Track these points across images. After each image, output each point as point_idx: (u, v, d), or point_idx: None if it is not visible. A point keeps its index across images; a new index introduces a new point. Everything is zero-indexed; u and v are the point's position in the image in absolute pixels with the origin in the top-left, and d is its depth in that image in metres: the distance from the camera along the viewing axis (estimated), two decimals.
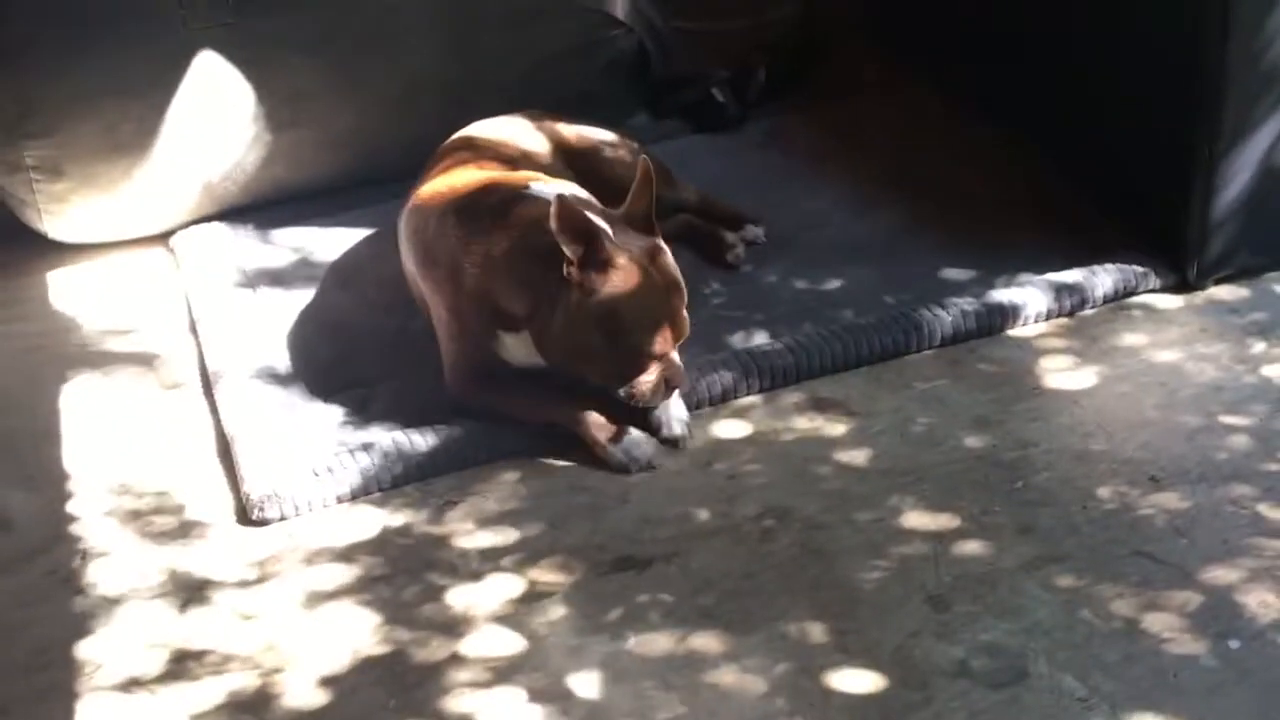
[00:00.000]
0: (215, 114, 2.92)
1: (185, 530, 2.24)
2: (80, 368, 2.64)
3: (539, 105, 2.80)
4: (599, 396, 2.32)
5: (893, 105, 3.26)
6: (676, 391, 2.34)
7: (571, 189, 2.40)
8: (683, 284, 2.28)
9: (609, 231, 2.21)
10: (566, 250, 2.17)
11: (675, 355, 2.29)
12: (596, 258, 2.19)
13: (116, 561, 2.19)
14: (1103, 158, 2.77)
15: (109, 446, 2.44)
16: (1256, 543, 2.08)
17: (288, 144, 2.98)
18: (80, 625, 2.07)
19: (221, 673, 1.98)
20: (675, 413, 2.35)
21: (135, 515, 2.28)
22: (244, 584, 2.13)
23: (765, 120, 3.26)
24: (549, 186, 2.37)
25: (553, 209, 2.15)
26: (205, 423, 2.47)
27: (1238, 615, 1.97)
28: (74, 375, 2.62)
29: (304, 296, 2.73)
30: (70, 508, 2.30)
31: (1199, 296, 2.63)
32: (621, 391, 2.28)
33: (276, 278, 2.80)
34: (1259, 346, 2.49)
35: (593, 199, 2.40)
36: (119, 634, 2.06)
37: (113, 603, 2.11)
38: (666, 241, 2.31)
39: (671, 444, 2.34)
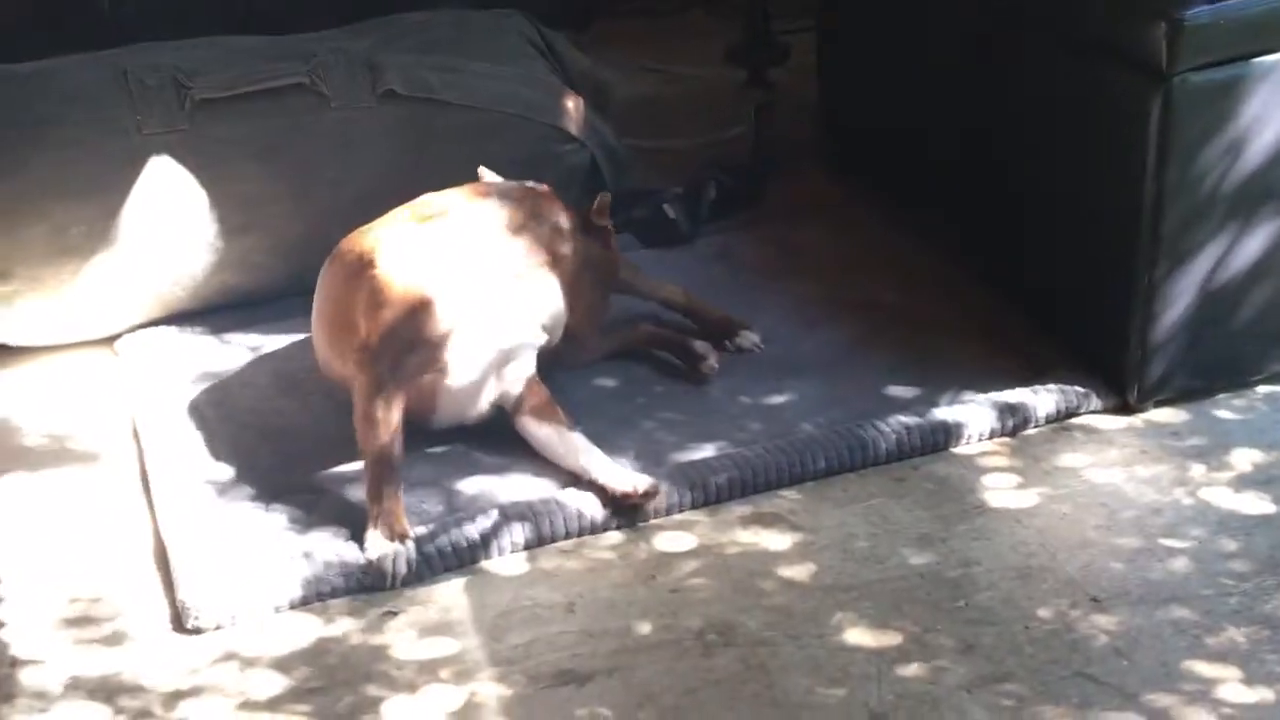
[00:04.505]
0: (166, 219, 2.92)
1: (119, 637, 2.20)
2: (17, 469, 2.61)
3: None
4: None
5: (841, 226, 3.31)
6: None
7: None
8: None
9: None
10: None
11: None
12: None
13: (48, 669, 2.14)
14: (1045, 280, 2.82)
15: (44, 550, 2.40)
16: (1195, 666, 2.08)
17: (238, 250, 2.99)
18: None
19: None
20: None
21: (68, 621, 2.24)
22: (177, 693, 2.09)
23: (715, 237, 3.29)
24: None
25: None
26: (144, 528, 2.44)
27: None
28: (11, 477, 2.59)
29: (248, 402, 2.72)
30: (1, 613, 2.26)
31: (1139, 418, 2.66)
32: None
33: (221, 383, 2.79)
34: (1198, 470, 2.52)
35: None
36: None
37: (43, 711, 2.07)
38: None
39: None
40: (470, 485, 2.46)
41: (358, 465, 2.42)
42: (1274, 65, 2.47)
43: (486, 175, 2.73)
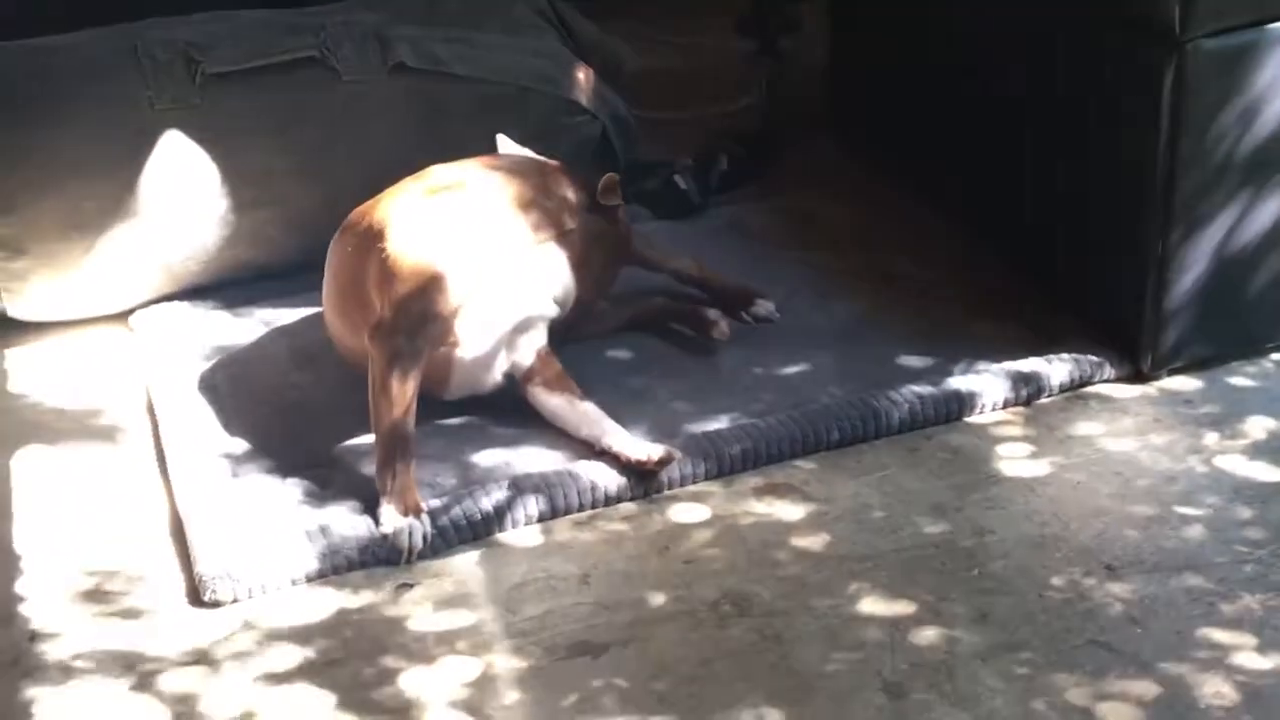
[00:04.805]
0: (179, 194, 2.93)
1: (137, 611, 2.22)
2: (34, 445, 2.62)
3: None
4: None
5: (852, 197, 3.30)
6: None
7: None
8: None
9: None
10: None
11: None
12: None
13: (66, 642, 2.16)
14: (1058, 249, 2.81)
15: (62, 525, 2.41)
16: (1210, 634, 2.09)
17: (250, 224, 2.99)
18: (28, 708, 2.04)
19: None
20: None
21: (87, 595, 2.25)
22: (195, 666, 2.11)
23: (726, 208, 3.29)
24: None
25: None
26: (160, 502, 2.45)
27: (1193, 705, 1.97)
28: (28, 452, 2.60)
29: (263, 376, 2.73)
30: (19, 587, 2.27)
31: (1153, 387, 2.66)
32: None
33: (236, 357, 2.79)
34: (1212, 438, 2.51)
35: None
36: (68, 717, 2.03)
37: (61, 684, 2.08)
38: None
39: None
40: (484, 458, 2.47)
41: (373, 439, 2.42)
42: None
43: (505, 143, 2.73)
